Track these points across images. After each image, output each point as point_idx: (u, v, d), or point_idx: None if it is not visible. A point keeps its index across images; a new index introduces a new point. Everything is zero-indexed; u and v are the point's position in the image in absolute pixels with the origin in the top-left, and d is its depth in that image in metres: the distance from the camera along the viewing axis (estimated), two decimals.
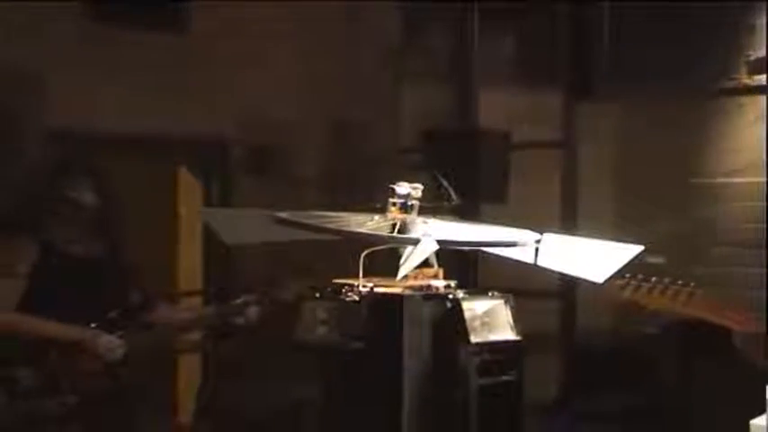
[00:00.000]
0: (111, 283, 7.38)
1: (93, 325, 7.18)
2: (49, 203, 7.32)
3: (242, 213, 6.46)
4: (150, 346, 7.60)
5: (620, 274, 4.57)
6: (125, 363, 7.20)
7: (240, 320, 7.68)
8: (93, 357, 7.09)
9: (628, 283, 4.18)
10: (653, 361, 10.28)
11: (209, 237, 12.28)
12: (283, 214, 6.23)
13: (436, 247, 5.95)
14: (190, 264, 12.64)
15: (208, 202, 12.56)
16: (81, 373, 7.05)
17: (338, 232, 6.05)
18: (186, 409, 12.35)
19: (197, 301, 12.04)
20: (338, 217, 6.27)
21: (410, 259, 5.86)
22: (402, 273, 5.92)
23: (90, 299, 7.18)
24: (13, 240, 7.29)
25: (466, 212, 8.42)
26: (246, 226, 6.38)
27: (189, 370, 12.43)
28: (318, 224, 6.10)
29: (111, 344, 7.15)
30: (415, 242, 5.89)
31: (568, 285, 11.25)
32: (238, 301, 7.69)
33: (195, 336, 11.47)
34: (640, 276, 4.19)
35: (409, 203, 6.17)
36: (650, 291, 4.14)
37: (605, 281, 5.68)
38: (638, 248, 5.63)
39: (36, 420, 6.82)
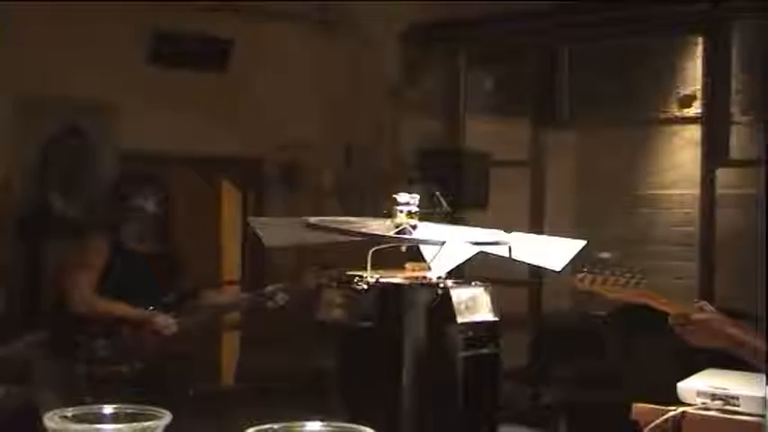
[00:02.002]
0: (167, 274, 7.48)
1: (152, 307, 7.27)
2: (120, 211, 7.42)
3: (279, 221, 6.55)
4: (198, 324, 7.69)
5: (577, 267, 4.64)
6: (178, 337, 7.29)
7: (270, 304, 7.77)
8: (153, 332, 7.19)
9: (585, 275, 4.26)
10: (603, 337, 10.35)
11: (247, 237, 12.51)
12: (313, 220, 6.32)
13: (466, 247, 6.03)
14: (230, 259, 12.76)
15: (245, 209, 12.85)
16: (144, 344, 7.15)
17: (364, 235, 6.14)
18: (227, 373, 12.43)
19: (236, 288, 12.12)
20: (357, 222, 6.35)
21: (442, 259, 5.96)
22: (437, 272, 6.05)
23: (151, 286, 7.28)
24: (91, 240, 7.42)
25: (454, 217, 8.53)
26: (283, 231, 6.46)
27: (229, 342, 12.52)
28: (345, 228, 6.18)
29: (167, 322, 7.27)
30: (439, 243, 5.98)
31: (536, 276, 11.33)
32: (269, 288, 7.77)
33: (234, 316, 11.58)
34: (596, 270, 4.26)
35: (411, 210, 6.24)
36: (604, 281, 4.22)
37: (562, 269, 5.87)
38: (583, 242, 5.87)
39: (111, 380, 6.93)
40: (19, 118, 10.81)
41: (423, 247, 6.30)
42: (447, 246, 5.98)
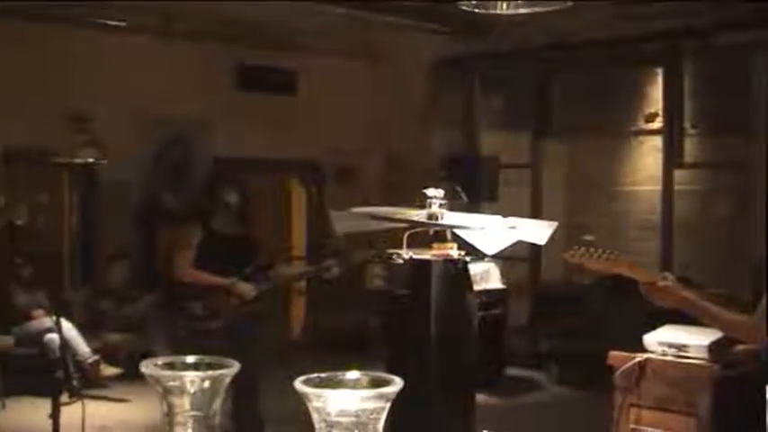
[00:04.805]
0: (247, 251, 7.40)
1: (235, 278, 7.20)
2: (211, 203, 7.35)
3: (346, 213, 6.49)
4: (272, 291, 7.62)
5: (568, 246, 4.58)
6: (256, 301, 7.22)
7: (328, 275, 7.68)
8: (236, 297, 7.12)
9: (575, 251, 4.18)
10: (586, 301, 10.28)
11: (310, 222, 12.49)
12: (368, 210, 6.32)
13: (509, 232, 6.00)
14: (297, 239, 12.73)
15: (308, 202, 12.88)
16: (229, 306, 7.08)
17: (408, 222, 6.09)
18: (296, 329, 12.39)
19: (301, 263, 12.08)
20: (399, 211, 6.31)
21: (492, 242, 5.93)
22: (489, 252, 6.04)
23: (234, 261, 7.20)
24: (188, 225, 7.36)
25: (471, 208, 8.45)
26: (349, 220, 6.42)
27: (296, 305, 12.48)
28: (397, 217, 6.13)
29: (247, 289, 7.18)
30: (480, 229, 5.94)
31: (534, 253, 11.36)
32: (327, 263, 7.69)
33: (300, 284, 11.55)
34: (583, 248, 4.19)
35: (441, 203, 6.19)
36: (590, 256, 4.14)
37: (545, 243, 6.00)
38: (556, 224, 6.07)
39: (203, 334, 6.87)
40: (137, 131, 10.92)
41: (458, 231, 6.25)
42: (493, 231, 5.93)
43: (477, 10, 7.54)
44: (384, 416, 2.15)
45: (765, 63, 10.04)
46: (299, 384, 2.16)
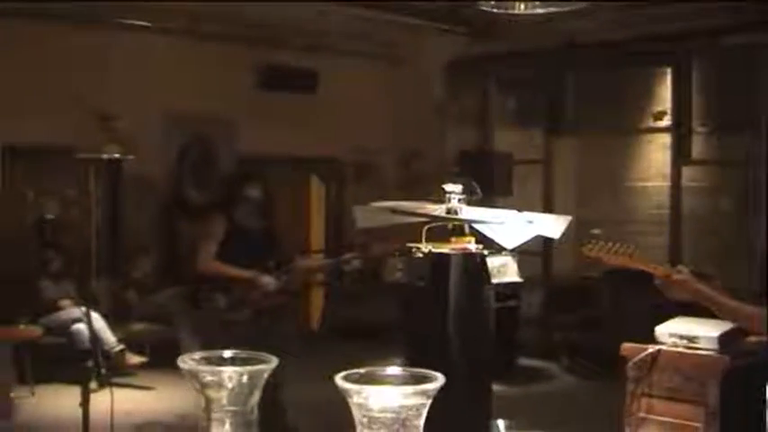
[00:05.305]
0: (269, 244, 7.36)
1: (257, 270, 7.16)
2: (235, 197, 7.31)
3: (368, 208, 6.44)
4: (292, 283, 7.58)
5: (582, 240, 4.53)
6: (278, 293, 7.18)
7: (348, 268, 7.64)
8: (258, 289, 7.07)
9: (593, 245, 4.12)
10: (597, 293, 10.26)
11: (328, 218, 12.49)
12: (387, 204, 6.26)
13: (527, 227, 5.94)
14: (317, 234, 12.71)
15: (328, 198, 12.86)
16: (251, 297, 7.04)
17: (429, 216, 6.05)
18: (314, 320, 12.38)
19: (321, 256, 12.06)
20: (419, 206, 6.26)
21: (512, 236, 5.87)
22: (509, 245, 5.96)
23: (257, 254, 7.16)
24: (213, 218, 7.31)
25: (485, 202, 8.38)
26: (371, 215, 6.36)
27: (316, 297, 12.46)
28: (419, 212, 6.08)
29: (268, 281, 7.14)
30: (500, 223, 5.88)
31: (548, 248, 11.38)
32: (347, 256, 7.64)
33: (319, 277, 11.50)
34: (601, 242, 4.14)
35: (457, 198, 6.14)
36: (607, 251, 4.08)
37: (559, 237, 5.94)
38: (570, 218, 5.96)
39: (227, 324, 6.84)
40: (163, 128, 10.95)
41: (476, 225, 6.19)
42: (511, 225, 5.87)
43: (495, 10, 7.50)
44: (425, 412, 2.08)
45: None
46: (339, 380, 2.08)
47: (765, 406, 3.66)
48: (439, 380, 2.11)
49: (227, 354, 2.37)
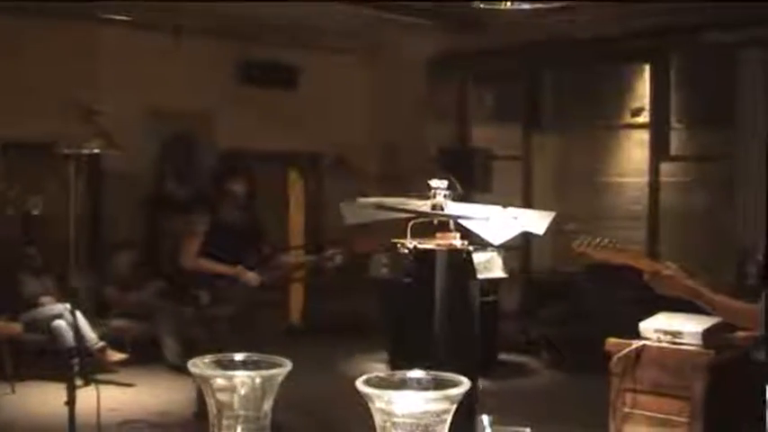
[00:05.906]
0: (251, 240, 7.36)
1: (240, 266, 7.15)
2: (217, 192, 7.31)
3: (355, 204, 6.41)
4: (275, 279, 7.57)
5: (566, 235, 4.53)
6: (260, 288, 7.18)
7: (330, 264, 7.62)
8: (241, 285, 7.07)
9: (581, 241, 4.12)
10: (576, 288, 10.29)
11: (309, 212, 12.49)
12: (372, 200, 6.22)
13: (512, 223, 5.91)
14: (297, 229, 12.72)
15: (307, 192, 12.84)
16: (234, 293, 7.04)
17: (416, 212, 6.01)
18: (295, 315, 12.36)
19: (302, 252, 12.03)
20: (403, 202, 6.24)
21: (499, 232, 5.83)
22: (496, 241, 5.91)
23: (239, 249, 7.16)
24: (196, 215, 7.30)
25: (465, 198, 8.38)
26: (358, 211, 6.34)
27: (297, 293, 12.43)
28: (406, 207, 6.05)
29: (251, 277, 7.13)
30: (485, 218, 5.85)
31: (529, 243, 11.45)
32: (329, 252, 7.63)
33: (300, 273, 11.49)
34: (589, 238, 4.14)
35: (442, 193, 6.12)
36: (595, 246, 4.08)
37: (543, 233, 5.80)
38: (553, 214, 5.84)
39: (209, 321, 6.84)
40: (144, 124, 10.88)
41: (462, 221, 6.16)
42: (497, 221, 5.85)
43: (482, 5, 7.50)
44: (449, 418, 2.01)
45: (749, 59, 10.04)
46: (360, 385, 2.01)
47: (765, 406, 3.66)
48: (464, 385, 2.04)
49: (239, 357, 2.27)
